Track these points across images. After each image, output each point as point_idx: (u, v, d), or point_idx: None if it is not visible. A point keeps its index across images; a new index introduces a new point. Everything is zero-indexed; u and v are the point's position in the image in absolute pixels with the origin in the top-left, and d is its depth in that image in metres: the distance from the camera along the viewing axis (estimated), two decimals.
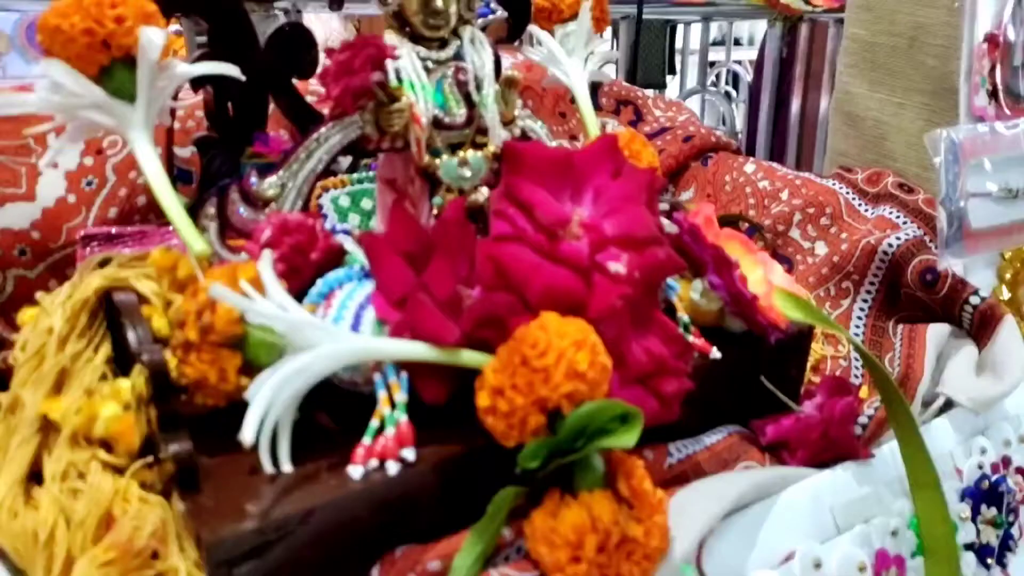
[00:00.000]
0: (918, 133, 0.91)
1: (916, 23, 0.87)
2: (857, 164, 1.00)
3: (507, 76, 0.44)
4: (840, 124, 0.98)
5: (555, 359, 0.33)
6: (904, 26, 0.89)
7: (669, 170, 0.76)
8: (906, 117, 0.92)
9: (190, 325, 0.33)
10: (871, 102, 0.93)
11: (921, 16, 0.87)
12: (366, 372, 0.35)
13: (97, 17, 0.36)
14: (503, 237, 0.39)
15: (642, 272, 0.38)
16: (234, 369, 0.33)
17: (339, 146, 0.41)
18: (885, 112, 0.92)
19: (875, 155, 0.95)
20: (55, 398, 0.36)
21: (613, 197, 0.40)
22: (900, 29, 0.89)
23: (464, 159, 0.44)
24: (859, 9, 0.93)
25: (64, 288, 0.41)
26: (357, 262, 0.39)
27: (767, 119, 1.59)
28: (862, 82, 0.93)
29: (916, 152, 0.92)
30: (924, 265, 0.54)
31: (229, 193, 0.40)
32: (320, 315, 0.36)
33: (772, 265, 0.45)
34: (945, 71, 0.86)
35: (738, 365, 0.46)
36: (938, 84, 0.86)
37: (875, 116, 0.93)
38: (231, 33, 0.46)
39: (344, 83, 0.38)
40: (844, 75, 0.96)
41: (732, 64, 1.79)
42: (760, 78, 1.64)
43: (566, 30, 0.53)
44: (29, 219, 0.48)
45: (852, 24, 0.93)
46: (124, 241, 0.47)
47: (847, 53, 0.96)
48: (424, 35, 0.43)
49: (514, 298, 0.37)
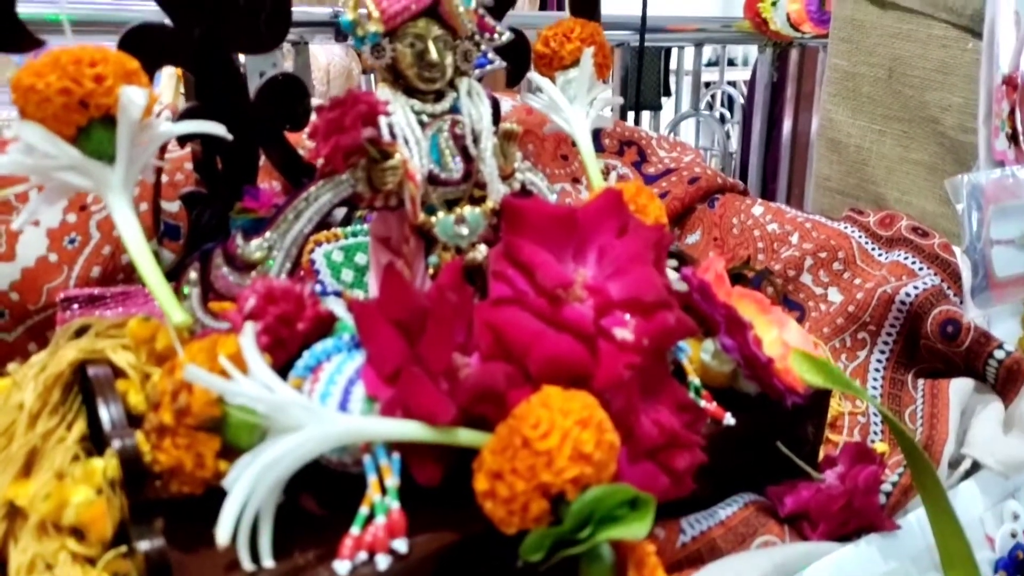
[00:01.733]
0: (898, 159, 0.93)
1: (894, 55, 0.90)
2: (840, 188, 1.01)
3: (505, 129, 0.42)
4: (824, 150, 1.00)
5: (559, 440, 0.30)
6: (883, 58, 0.91)
7: (675, 212, 0.74)
8: (886, 144, 0.94)
9: (165, 407, 0.31)
10: (853, 129, 0.95)
11: (898, 49, 0.89)
12: (355, 453, 0.33)
13: (75, 76, 0.34)
14: (502, 300, 0.37)
15: (651, 339, 0.36)
16: (212, 453, 0.31)
17: (329, 205, 0.39)
18: (866, 139, 0.94)
19: (857, 179, 0.97)
20: (23, 482, 0.34)
21: (619, 257, 0.38)
22: (879, 60, 0.92)
23: (461, 216, 0.41)
24: (840, 41, 0.96)
25: (38, 358, 0.38)
26: (347, 330, 0.36)
27: (759, 140, 1.61)
28: (844, 110, 0.95)
29: (896, 176, 0.94)
30: (944, 316, 0.51)
31: (213, 257, 0.38)
32: (307, 390, 0.34)
33: (788, 324, 0.43)
34: (921, 100, 0.88)
35: (753, 430, 0.43)
36: (915, 113, 0.88)
37: (857, 143, 0.95)
38: (219, 85, 0.44)
39: (334, 141, 0.36)
40: (827, 103, 0.98)
41: (726, 86, 1.80)
42: (752, 101, 1.66)
43: (567, 77, 0.52)
44: (8, 280, 0.46)
45: (834, 55, 0.96)
46: (105, 303, 0.45)
47: (830, 82, 0.98)
48: (419, 88, 0.41)
49: (514, 369, 0.34)
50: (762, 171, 1.66)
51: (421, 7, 0.39)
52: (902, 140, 0.93)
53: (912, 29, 0.88)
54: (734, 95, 1.83)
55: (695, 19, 1.50)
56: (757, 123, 1.62)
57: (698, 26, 1.49)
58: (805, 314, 0.63)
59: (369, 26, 0.39)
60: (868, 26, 0.92)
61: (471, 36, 0.43)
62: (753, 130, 1.62)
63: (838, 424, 0.53)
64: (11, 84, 0.35)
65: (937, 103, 0.87)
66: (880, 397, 0.55)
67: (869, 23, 0.92)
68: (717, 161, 1.73)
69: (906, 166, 0.93)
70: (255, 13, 0.45)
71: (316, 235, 0.46)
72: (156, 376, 0.35)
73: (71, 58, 0.35)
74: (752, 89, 1.79)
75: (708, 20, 1.58)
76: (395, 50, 0.40)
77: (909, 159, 0.93)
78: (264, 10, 0.45)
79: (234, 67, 0.45)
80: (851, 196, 0.99)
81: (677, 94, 1.62)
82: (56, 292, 0.47)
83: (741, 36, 1.51)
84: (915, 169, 0.93)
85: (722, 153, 1.70)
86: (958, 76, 0.83)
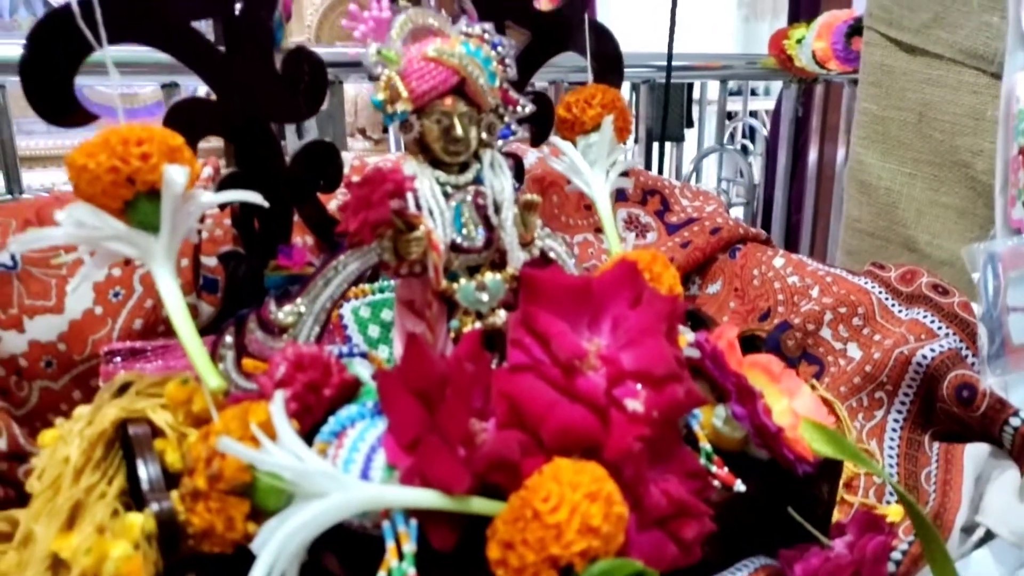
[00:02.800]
0: (928, 202, 0.93)
1: (924, 100, 0.90)
2: (871, 229, 1.01)
3: (526, 200, 0.44)
4: (854, 192, 1.01)
5: (567, 514, 0.32)
6: (913, 102, 0.92)
7: (696, 263, 0.75)
8: (916, 187, 0.94)
9: (199, 472, 0.33)
10: (883, 171, 0.95)
11: (929, 94, 0.90)
12: (375, 518, 0.34)
13: (123, 155, 0.37)
14: (519, 368, 0.38)
15: (660, 411, 0.37)
16: (242, 516, 0.33)
17: (357, 273, 0.41)
18: (896, 181, 0.95)
19: (887, 222, 0.97)
20: (66, 534, 0.36)
21: (632, 328, 0.40)
22: (909, 105, 0.92)
23: (482, 283, 0.43)
24: (870, 85, 0.96)
25: (81, 411, 0.41)
26: (371, 395, 0.38)
27: (784, 174, 1.62)
28: (874, 153, 0.96)
29: (927, 220, 0.94)
30: (959, 380, 0.52)
31: (247, 321, 0.40)
32: (331, 454, 0.36)
33: (800, 391, 0.44)
34: (952, 145, 0.89)
35: (764, 495, 0.44)
36: (946, 157, 0.89)
37: (887, 185, 0.95)
38: (257, 153, 0.47)
39: (362, 217, 0.38)
40: (857, 145, 0.99)
41: (748, 119, 1.81)
42: (777, 133, 1.67)
43: (588, 141, 0.54)
44: (56, 331, 0.49)
45: (864, 99, 0.97)
46: (146, 356, 0.47)
47: (859, 125, 0.99)
48: (445, 160, 0.43)
49: (527, 438, 0.36)
50: (787, 203, 1.66)
51: (448, 87, 0.42)
52: (932, 183, 0.94)
53: (942, 75, 0.89)
54: (756, 126, 1.84)
55: (720, 56, 1.52)
56: (782, 157, 1.62)
57: (723, 63, 1.50)
58: (824, 369, 0.64)
59: (399, 105, 0.41)
60: (898, 71, 0.93)
61: (495, 109, 0.45)
62: (778, 164, 1.63)
63: (854, 484, 0.54)
64: (65, 162, 0.38)
65: (968, 148, 0.87)
66: (897, 458, 0.55)
67: (899, 68, 0.93)
68: (742, 190, 1.74)
69: (936, 209, 0.93)
70: (294, 85, 0.47)
71: None
72: (192, 437, 0.37)
73: (119, 138, 0.37)
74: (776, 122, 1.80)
75: (733, 57, 1.59)
76: (422, 126, 0.42)
77: (939, 202, 0.93)
78: (302, 82, 0.48)
79: (272, 136, 0.47)
80: (881, 238, 0.99)
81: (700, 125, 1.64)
82: (100, 343, 0.49)
83: (765, 72, 1.53)
84: (945, 212, 0.93)
85: (748, 185, 1.70)
86: (989, 122, 0.84)
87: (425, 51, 0.41)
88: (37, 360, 0.49)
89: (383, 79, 0.41)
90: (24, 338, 0.49)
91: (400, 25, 0.42)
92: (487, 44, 0.44)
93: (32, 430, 0.50)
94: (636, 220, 0.78)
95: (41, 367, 0.49)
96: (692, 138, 1.67)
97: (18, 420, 0.49)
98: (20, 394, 0.50)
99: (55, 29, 0.40)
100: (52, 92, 0.40)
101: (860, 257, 1.00)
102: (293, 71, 0.47)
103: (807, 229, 1.69)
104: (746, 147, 1.83)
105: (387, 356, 0.50)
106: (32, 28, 0.40)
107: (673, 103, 1.50)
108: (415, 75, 0.41)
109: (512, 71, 0.45)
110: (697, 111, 1.66)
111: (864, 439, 0.56)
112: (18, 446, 0.48)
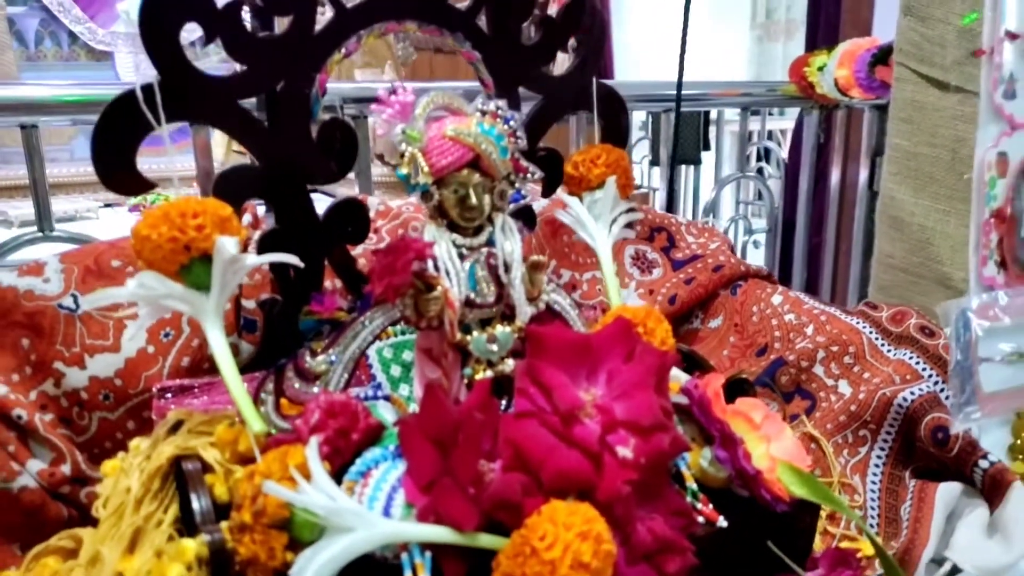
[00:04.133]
0: (963, 240, 0.94)
1: (957, 137, 0.91)
2: (903, 265, 1.00)
3: (532, 261, 0.49)
4: (886, 227, 1.00)
5: (561, 552, 0.37)
6: (945, 139, 0.92)
7: (699, 298, 0.79)
8: (951, 223, 0.94)
9: (245, 508, 0.38)
10: (916, 208, 0.96)
11: (962, 131, 0.90)
12: (395, 550, 0.39)
13: (181, 227, 0.43)
14: (523, 414, 0.43)
15: (647, 458, 0.42)
16: (281, 547, 0.38)
17: (381, 327, 0.47)
18: (930, 218, 0.95)
19: (921, 258, 0.97)
20: (129, 557, 0.42)
21: (624, 381, 0.44)
22: (941, 141, 0.93)
23: (493, 336, 0.48)
24: (900, 122, 0.96)
25: (137, 443, 0.47)
26: (393, 439, 0.43)
27: (806, 200, 1.63)
28: (906, 189, 0.96)
29: (961, 257, 0.94)
30: (935, 423, 0.56)
31: (286, 370, 0.45)
32: (358, 492, 0.41)
33: (781, 435, 0.48)
34: None
35: (746, 530, 0.48)
36: None
37: (920, 221, 0.96)
38: (294, 212, 0.53)
39: (387, 282, 0.43)
40: (889, 181, 0.99)
41: (766, 142, 1.83)
42: (797, 157, 1.68)
43: (594, 197, 0.58)
44: (113, 368, 0.55)
45: (894, 135, 0.96)
46: (194, 392, 0.53)
47: (890, 161, 0.99)
48: (461, 225, 0.48)
49: (529, 480, 0.41)
50: (808, 226, 1.66)
51: (464, 162, 0.47)
52: (967, 220, 0.92)
53: (975, 112, 0.89)
54: (772, 148, 1.86)
55: (740, 84, 1.54)
56: (804, 183, 1.62)
57: (743, 91, 1.53)
58: (816, 404, 0.68)
59: (420, 178, 0.46)
60: (929, 108, 0.92)
61: (507, 176, 0.50)
62: (800, 190, 1.64)
63: (837, 517, 0.58)
64: (131, 231, 0.44)
65: None
66: (879, 492, 0.59)
67: (930, 104, 0.92)
68: (765, 211, 1.75)
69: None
70: (329, 150, 0.53)
71: None
72: (237, 473, 0.42)
73: (178, 211, 0.43)
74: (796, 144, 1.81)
75: (753, 85, 1.62)
76: (441, 195, 0.47)
77: None
78: (335, 148, 0.53)
79: (307, 197, 0.53)
80: (914, 274, 0.98)
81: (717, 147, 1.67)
82: (152, 379, 0.55)
83: (786, 99, 1.53)
84: None
85: (768, 208, 1.72)
86: None
87: (444, 131, 0.47)
88: (96, 393, 0.55)
89: (407, 155, 0.46)
90: (85, 374, 0.55)
91: (423, 106, 0.47)
92: (500, 119, 0.49)
93: (91, 455, 0.56)
94: (643, 256, 0.83)
95: (100, 400, 0.55)
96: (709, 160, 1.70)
97: (79, 446, 0.55)
98: (81, 423, 0.56)
99: (121, 111, 0.46)
100: (118, 165, 0.46)
101: (893, 292, 1.01)
102: (328, 139, 0.52)
103: (829, 253, 1.69)
104: (761, 169, 1.85)
105: (407, 394, 0.55)
106: (103, 110, 0.45)
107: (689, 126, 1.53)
108: (435, 152, 0.46)
109: (522, 142, 0.50)
110: (714, 131, 1.69)
111: (848, 474, 0.61)
112: (80, 471, 0.54)
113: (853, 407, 0.62)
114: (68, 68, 2.25)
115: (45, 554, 0.49)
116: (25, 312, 0.55)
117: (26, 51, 2.18)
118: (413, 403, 0.52)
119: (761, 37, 2.98)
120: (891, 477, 0.60)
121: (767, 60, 2.70)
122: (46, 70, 2.21)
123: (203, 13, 0.46)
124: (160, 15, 0.45)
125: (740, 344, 0.76)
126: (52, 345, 0.55)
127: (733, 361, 0.76)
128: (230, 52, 0.47)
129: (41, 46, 2.21)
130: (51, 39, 2.22)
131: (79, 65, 2.26)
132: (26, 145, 0.91)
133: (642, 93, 1.26)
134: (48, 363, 0.55)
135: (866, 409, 0.61)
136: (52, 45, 2.22)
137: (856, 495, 0.59)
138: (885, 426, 0.60)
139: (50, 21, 2.19)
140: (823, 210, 1.68)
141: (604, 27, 0.62)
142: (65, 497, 0.53)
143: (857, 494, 0.59)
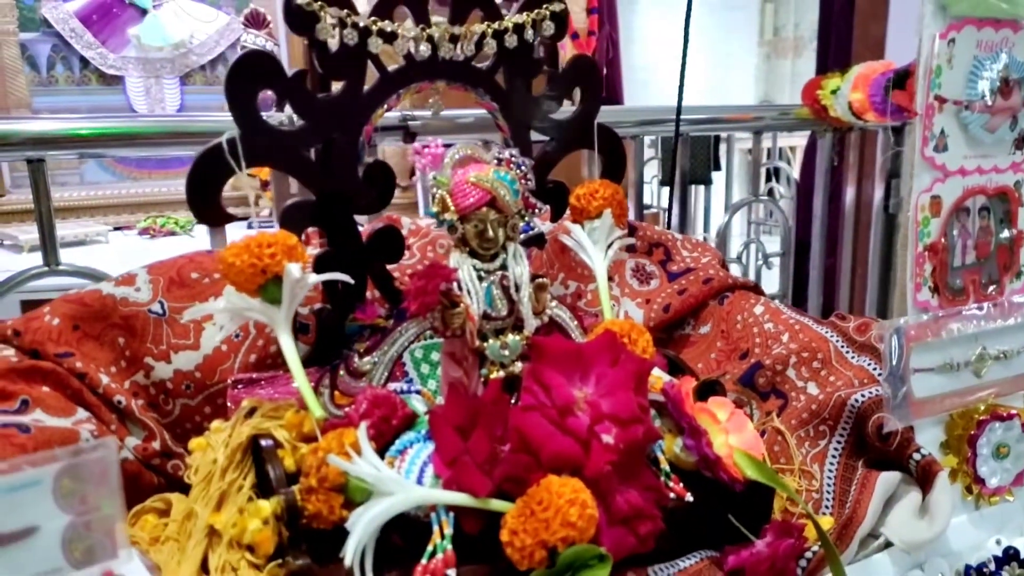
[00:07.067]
0: None
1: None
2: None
3: (538, 282, 0.60)
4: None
5: (554, 513, 0.48)
6: None
7: (690, 307, 0.90)
8: None
9: (312, 475, 0.49)
10: None
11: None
12: (426, 510, 0.51)
13: (258, 255, 0.54)
14: (528, 407, 0.54)
15: (626, 444, 0.53)
16: (339, 506, 0.50)
17: (415, 336, 0.58)
18: None
19: None
20: (217, 513, 0.53)
21: (610, 382, 0.55)
22: None
23: (505, 343, 0.59)
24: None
25: (218, 424, 0.58)
26: (423, 425, 0.55)
27: (821, 224, 1.60)
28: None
29: None
30: (880, 422, 0.66)
31: (338, 369, 0.57)
32: (397, 466, 0.52)
33: (742, 428, 0.59)
34: None
35: (712, 503, 0.59)
36: None
37: None
38: (343, 237, 0.64)
39: (420, 301, 0.55)
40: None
41: (776, 162, 1.83)
42: (809, 176, 1.66)
43: (593, 225, 0.69)
44: (194, 363, 0.67)
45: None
46: (260, 384, 0.65)
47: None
48: (479, 252, 0.59)
49: (531, 460, 0.52)
50: (824, 245, 1.62)
51: (483, 202, 0.58)
52: None
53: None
54: (782, 167, 1.91)
55: (752, 108, 1.53)
56: (818, 206, 1.59)
57: (755, 115, 1.51)
58: (788, 403, 0.78)
59: (447, 215, 0.57)
60: None
61: (518, 212, 0.61)
62: (814, 213, 1.60)
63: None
64: (217, 257, 0.55)
65: None
66: (834, 479, 0.70)
67: None
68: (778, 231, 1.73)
69: None
70: (373, 184, 0.64)
71: None
72: (303, 449, 0.54)
73: (256, 243, 0.54)
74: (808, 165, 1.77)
75: (766, 108, 1.61)
76: (464, 228, 0.59)
77: None
78: (378, 182, 0.64)
79: (354, 224, 0.64)
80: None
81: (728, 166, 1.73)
82: (226, 372, 0.67)
83: (799, 123, 1.49)
84: None
85: (783, 231, 1.70)
86: None
87: (467, 177, 0.58)
88: (180, 384, 0.67)
89: (437, 197, 0.57)
90: (170, 367, 0.67)
91: (451, 155, 0.58)
92: (514, 165, 0.60)
93: (174, 435, 0.68)
94: (642, 269, 0.93)
95: (182, 389, 0.67)
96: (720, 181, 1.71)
97: (165, 427, 0.67)
98: (166, 408, 0.67)
99: (209, 160, 0.57)
100: (208, 203, 0.57)
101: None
102: (372, 178, 0.64)
103: (845, 275, 1.67)
104: (772, 189, 1.84)
105: (434, 388, 0.67)
106: (195, 159, 0.57)
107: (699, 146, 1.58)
108: (460, 194, 0.57)
109: (532, 183, 0.61)
110: (725, 149, 1.74)
111: (808, 463, 0.71)
112: (167, 447, 0.65)
113: (814, 406, 0.72)
114: (80, 92, 2.27)
115: (142, 513, 0.61)
116: (121, 316, 0.67)
117: (38, 76, 2.21)
118: (439, 396, 0.63)
119: (769, 54, 3.03)
120: (846, 467, 0.70)
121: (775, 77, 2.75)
122: (58, 94, 2.23)
123: (276, 81, 0.57)
124: (242, 83, 0.57)
125: (725, 349, 0.86)
126: (143, 343, 0.67)
127: (719, 363, 0.87)
128: (297, 112, 0.59)
129: (53, 71, 2.23)
130: (63, 64, 2.24)
131: (91, 89, 2.28)
132: (32, 179, 0.89)
133: (650, 118, 1.32)
134: (140, 358, 0.67)
135: (825, 408, 0.71)
136: (64, 70, 2.25)
137: (814, 480, 0.69)
138: (841, 423, 0.70)
139: (62, 47, 2.22)
140: (837, 231, 1.64)
141: (601, 80, 0.73)
142: (155, 468, 0.65)
143: (815, 480, 0.69)
